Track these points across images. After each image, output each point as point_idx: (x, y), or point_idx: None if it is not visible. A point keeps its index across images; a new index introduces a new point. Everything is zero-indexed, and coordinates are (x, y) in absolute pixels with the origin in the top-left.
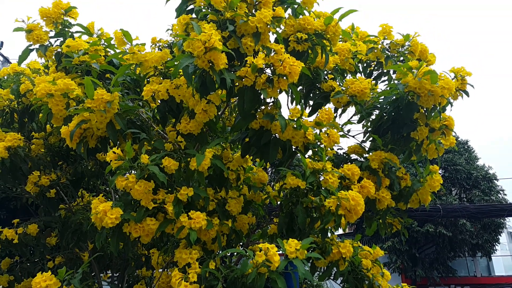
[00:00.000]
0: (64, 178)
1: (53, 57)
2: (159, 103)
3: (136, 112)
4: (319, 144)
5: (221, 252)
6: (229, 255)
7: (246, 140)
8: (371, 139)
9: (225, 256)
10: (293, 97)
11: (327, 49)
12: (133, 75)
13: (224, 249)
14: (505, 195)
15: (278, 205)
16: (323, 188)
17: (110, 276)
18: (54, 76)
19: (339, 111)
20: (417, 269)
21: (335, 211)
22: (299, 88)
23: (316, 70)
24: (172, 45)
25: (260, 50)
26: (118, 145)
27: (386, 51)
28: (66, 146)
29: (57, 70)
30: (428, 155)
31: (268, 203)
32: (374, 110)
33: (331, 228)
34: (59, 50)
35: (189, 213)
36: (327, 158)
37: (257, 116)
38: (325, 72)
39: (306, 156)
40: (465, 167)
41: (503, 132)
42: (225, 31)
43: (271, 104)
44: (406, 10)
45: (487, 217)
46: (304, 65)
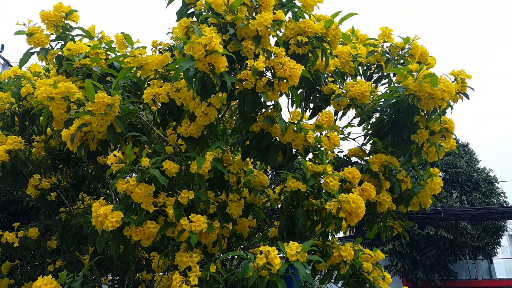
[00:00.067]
0: (65, 181)
1: (54, 60)
2: (159, 106)
3: (136, 115)
4: (319, 147)
5: (221, 255)
6: (230, 258)
7: (247, 143)
8: (371, 142)
9: (226, 259)
10: (294, 100)
11: (327, 52)
12: (133, 78)
13: (224, 252)
14: (505, 197)
15: (279, 208)
16: (323, 191)
17: (111, 279)
18: (55, 79)
19: (340, 114)
20: (418, 272)
21: (336, 214)
22: (300, 91)
23: (316, 73)
24: (173, 48)
25: (260, 53)
26: (118, 148)
27: (386, 54)
28: (67, 149)
29: (58, 73)
30: (429, 157)
31: (268, 206)
32: (374, 113)
33: (332, 231)
34: (60, 53)
35: (190, 216)
36: (328, 161)
37: (257, 119)
38: (325, 75)
39: (307, 159)
40: (466, 170)
41: (503, 132)
42: (225, 34)
43: (272, 107)
44: (406, 10)
45: (488, 220)
46: (305, 68)
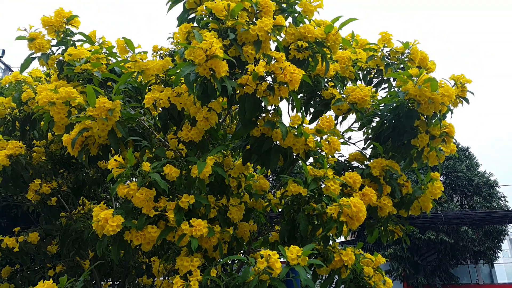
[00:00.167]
0: (65, 186)
1: (55, 66)
2: (160, 111)
3: (137, 120)
4: (320, 151)
5: (222, 259)
6: (231, 262)
7: (247, 147)
8: (372, 146)
9: (227, 263)
10: (294, 104)
11: (328, 57)
12: (134, 83)
13: (225, 256)
14: (506, 202)
15: (280, 212)
16: (324, 195)
17: (111, 284)
18: (56, 84)
19: (340, 118)
20: (419, 277)
21: (337, 218)
22: (300, 96)
23: (316, 78)
24: (174, 53)
25: (261, 58)
26: (119, 153)
27: (386, 59)
28: (68, 154)
29: (59, 78)
30: (429, 162)
31: (269, 210)
32: (374, 118)
33: (333, 236)
34: (61, 58)
35: (190, 221)
36: (328, 165)
37: (258, 124)
38: (326, 80)
39: (307, 163)
40: (466, 174)
41: (503, 132)
42: (226, 39)
43: (272, 111)
44: (406, 10)
45: (489, 224)
46: (305, 73)
